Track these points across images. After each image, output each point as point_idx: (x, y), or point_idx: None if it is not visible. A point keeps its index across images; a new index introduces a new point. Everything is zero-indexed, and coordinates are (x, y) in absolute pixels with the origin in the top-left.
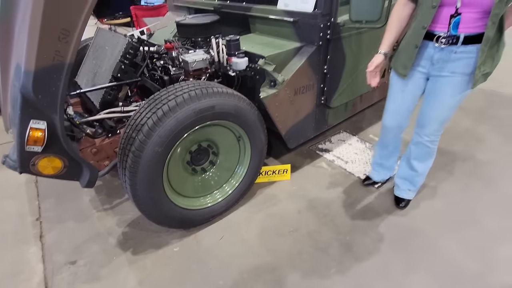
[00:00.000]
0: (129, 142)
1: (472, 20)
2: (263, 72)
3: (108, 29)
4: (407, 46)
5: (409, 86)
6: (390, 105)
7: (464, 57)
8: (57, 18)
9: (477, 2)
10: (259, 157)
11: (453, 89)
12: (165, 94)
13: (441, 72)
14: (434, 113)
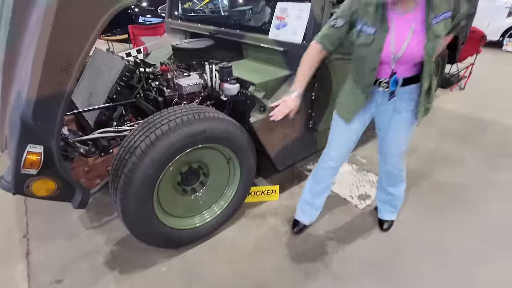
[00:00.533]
0: (122, 163)
1: (408, 68)
2: (254, 98)
3: (106, 50)
4: (353, 97)
5: (353, 125)
6: (333, 142)
7: (405, 97)
8: (60, 52)
9: (409, 60)
10: (248, 179)
11: (399, 126)
12: (158, 118)
13: (386, 112)
14: (390, 149)
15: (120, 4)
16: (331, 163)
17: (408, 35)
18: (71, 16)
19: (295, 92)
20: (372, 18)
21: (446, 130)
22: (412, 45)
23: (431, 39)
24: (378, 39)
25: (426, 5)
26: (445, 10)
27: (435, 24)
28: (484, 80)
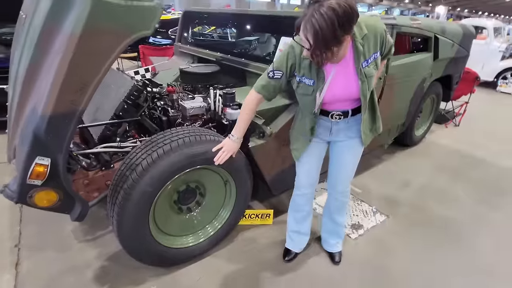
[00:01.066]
0: (122, 179)
1: (352, 102)
2: (254, 123)
3: (116, 69)
4: (301, 138)
5: (315, 152)
6: (298, 171)
7: (354, 124)
8: (78, 74)
9: (348, 99)
10: (243, 202)
11: (350, 150)
12: (161, 138)
13: (338, 138)
14: (339, 174)
15: (136, 35)
16: (303, 190)
17: (342, 80)
18: (92, 44)
19: (235, 136)
20: (308, 70)
21: (440, 165)
22: (347, 87)
23: (364, 81)
24: (317, 88)
25: (354, 54)
26: (374, 51)
27: (365, 67)
28: (478, 118)
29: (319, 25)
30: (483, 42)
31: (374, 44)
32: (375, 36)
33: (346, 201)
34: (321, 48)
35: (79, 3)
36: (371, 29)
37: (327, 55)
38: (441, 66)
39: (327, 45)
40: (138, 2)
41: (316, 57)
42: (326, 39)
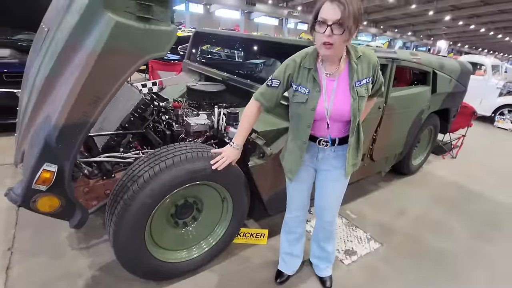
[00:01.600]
0: (123, 190)
1: (340, 128)
2: (255, 143)
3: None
4: (293, 156)
5: (304, 179)
6: (290, 194)
7: (340, 154)
8: (93, 88)
9: (340, 119)
10: (239, 220)
11: (334, 180)
12: (165, 152)
13: (324, 167)
14: (325, 203)
15: (151, 56)
16: (295, 212)
17: (336, 94)
18: (109, 62)
19: (235, 143)
20: (305, 80)
21: (437, 195)
22: (340, 102)
23: (355, 99)
24: (312, 98)
25: (349, 71)
26: (366, 76)
27: (358, 86)
28: (475, 152)
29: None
30: (481, 78)
31: (367, 69)
32: (369, 62)
33: (333, 230)
34: (349, 22)
35: (103, 23)
36: (366, 55)
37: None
38: (439, 99)
39: (354, 21)
40: (156, 26)
41: (341, 30)
42: (355, 11)
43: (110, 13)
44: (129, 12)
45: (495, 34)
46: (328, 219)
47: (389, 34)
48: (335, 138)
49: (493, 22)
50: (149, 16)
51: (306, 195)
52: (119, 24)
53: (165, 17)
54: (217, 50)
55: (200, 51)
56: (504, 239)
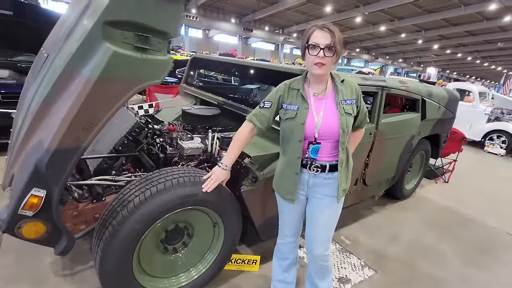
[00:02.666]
0: (112, 215)
1: (330, 149)
2: (248, 168)
3: None
4: (287, 174)
5: (297, 206)
6: (283, 220)
7: (332, 182)
8: (87, 114)
9: (329, 134)
10: (230, 246)
11: (326, 207)
12: (156, 176)
13: (315, 195)
14: (316, 234)
15: (147, 83)
16: (287, 239)
17: (325, 110)
18: (105, 89)
19: (224, 164)
20: (295, 99)
21: (429, 220)
22: (329, 117)
23: (342, 114)
24: (301, 113)
25: (334, 91)
26: (350, 98)
27: (343, 104)
28: (467, 176)
29: (334, 29)
30: (470, 104)
31: (351, 93)
32: (351, 88)
33: (327, 265)
34: (338, 45)
35: (101, 52)
36: (348, 81)
37: (336, 54)
38: (429, 125)
39: (340, 44)
40: (152, 56)
41: (331, 51)
42: (340, 38)
43: (108, 43)
44: (127, 42)
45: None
46: (317, 253)
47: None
48: (326, 163)
49: (479, 51)
50: (147, 46)
51: (297, 221)
52: (117, 53)
53: (162, 47)
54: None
55: (197, 75)
56: (497, 266)
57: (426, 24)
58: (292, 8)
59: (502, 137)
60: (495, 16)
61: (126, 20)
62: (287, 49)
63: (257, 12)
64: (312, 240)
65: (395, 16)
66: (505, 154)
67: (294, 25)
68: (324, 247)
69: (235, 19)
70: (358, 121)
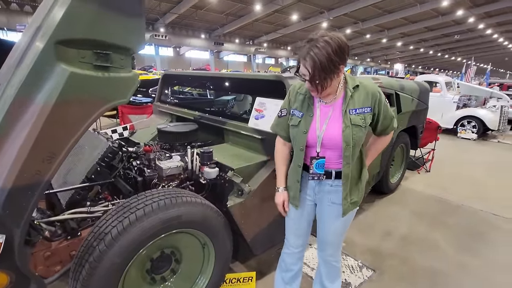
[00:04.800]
0: (88, 251)
1: (335, 157)
2: (231, 182)
3: (92, 130)
4: (291, 181)
5: (303, 212)
6: (289, 228)
7: (339, 189)
8: (47, 144)
9: (333, 146)
10: (222, 267)
11: (334, 217)
12: (134, 202)
13: (322, 201)
14: (327, 238)
15: (112, 103)
16: (292, 249)
17: (330, 120)
18: (64, 114)
19: (279, 188)
20: (301, 104)
21: (418, 212)
22: (332, 128)
23: (347, 125)
24: (304, 121)
25: (344, 98)
26: (363, 105)
27: (352, 114)
28: (446, 163)
29: (318, 57)
30: (438, 94)
31: (365, 99)
32: (367, 93)
33: (337, 267)
34: (321, 75)
35: (56, 75)
36: (364, 85)
37: (326, 82)
38: (405, 118)
39: (326, 72)
40: (115, 74)
41: (315, 85)
42: (324, 67)
43: (64, 64)
44: (86, 62)
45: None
46: (331, 253)
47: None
48: (331, 170)
49: (439, 45)
50: (108, 64)
51: (304, 231)
52: (74, 74)
53: (125, 64)
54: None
55: (171, 92)
56: (489, 250)
57: (388, 23)
58: (259, 19)
59: (472, 122)
60: (449, 11)
61: (82, 38)
62: (259, 59)
63: (225, 26)
64: (323, 242)
65: (358, 19)
66: (477, 138)
67: (264, 35)
68: (335, 248)
69: (204, 35)
70: (380, 127)
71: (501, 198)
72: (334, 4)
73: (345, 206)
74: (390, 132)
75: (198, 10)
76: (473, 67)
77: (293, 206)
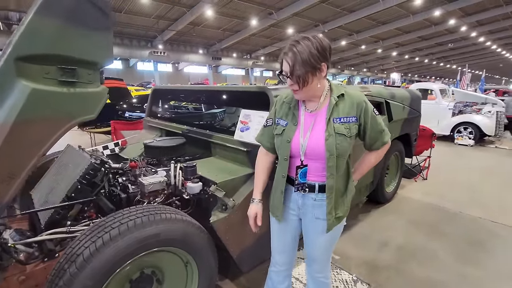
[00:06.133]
0: (59, 274)
1: (319, 169)
2: (214, 196)
3: (78, 147)
4: (275, 192)
5: (286, 227)
6: (274, 244)
7: (323, 204)
8: (6, 165)
9: (316, 155)
10: (208, 286)
11: (319, 232)
12: (110, 221)
13: (306, 216)
14: (313, 254)
15: (77, 120)
16: (278, 267)
17: (313, 129)
18: (25, 133)
19: (254, 199)
20: (285, 113)
21: (415, 221)
22: (315, 137)
23: (331, 134)
24: (289, 129)
25: (328, 106)
26: (348, 115)
27: (336, 123)
28: (443, 170)
29: (298, 50)
30: (433, 102)
31: (350, 108)
32: (352, 102)
33: (326, 283)
34: (301, 69)
35: (17, 91)
36: (349, 95)
37: (307, 77)
38: (397, 126)
39: (306, 66)
40: (82, 89)
41: (296, 78)
42: (304, 59)
43: (25, 81)
44: (50, 78)
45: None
46: (318, 269)
47: (347, 72)
48: (314, 183)
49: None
50: (74, 79)
51: (290, 246)
52: (36, 91)
53: (93, 79)
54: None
55: (161, 108)
56: (490, 259)
57: (382, 34)
58: (256, 34)
59: (468, 128)
60: (441, 21)
61: (44, 53)
62: (257, 72)
63: (223, 41)
64: (310, 258)
65: (353, 30)
66: (474, 144)
67: (261, 49)
68: (324, 264)
69: (202, 50)
70: (369, 140)
71: (499, 204)
72: (328, 17)
73: (330, 221)
74: (382, 147)
75: (196, 26)
76: (468, 74)
77: (276, 220)
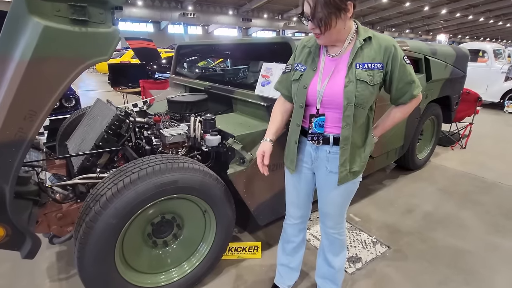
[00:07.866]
0: (86, 212)
1: (336, 120)
2: (232, 149)
3: (106, 101)
4: (289, 142)
5: (300, 181)
6: (288, 198)
7: (337, 157)
8: (26, 101)
9: (333, 104)
10: (224, 235)
11: (332, 187)
12: (131, 167)
13: (320, 170)
14: (325, 209)
15: (91, 61)
16: (293, 220)
17: (333, 75)
18: (41, 71)
19: (266, 139)
20: (305, 58)
21: (447, 189)
22: (334, 84)
23: (351, 80)
24: (306, 75)
25: (352, 50)
26: (373, 60)
27: (359, 68)
28: (486, 140)
29: None
30: (484, 64)
31: (377, 53)
32: (380, 47)
33: (340, 239)
34: (323, 10)
35: (30, 29)
36: (378, 38)
37: (330, 20)
38: (436, 87)
39: (329, 6)
40: (94, 29)
41: (318, 21)
42: None
43: (37, 18)
44: (61, 15)
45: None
46: (331, 225)
47: (387, 33)
48: (329, 135)
49: (491, 10)
50: (85, 18)
51: (305, 201)
52: (48, 29)
53: (104, 19)
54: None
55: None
56: None
57: None
58: None
59: None
60: None
61: None
62: (289, 34)
63: (253, 1)
64: (324, 214)
65: None
66: None
67: (293, 9)
68: (337, 220)
69: (232, 11)
70: (395, 92)
71: None
72: None
73: (342, 174)
74: (410, 101)
75: None
76: None
77: (290, 173)
